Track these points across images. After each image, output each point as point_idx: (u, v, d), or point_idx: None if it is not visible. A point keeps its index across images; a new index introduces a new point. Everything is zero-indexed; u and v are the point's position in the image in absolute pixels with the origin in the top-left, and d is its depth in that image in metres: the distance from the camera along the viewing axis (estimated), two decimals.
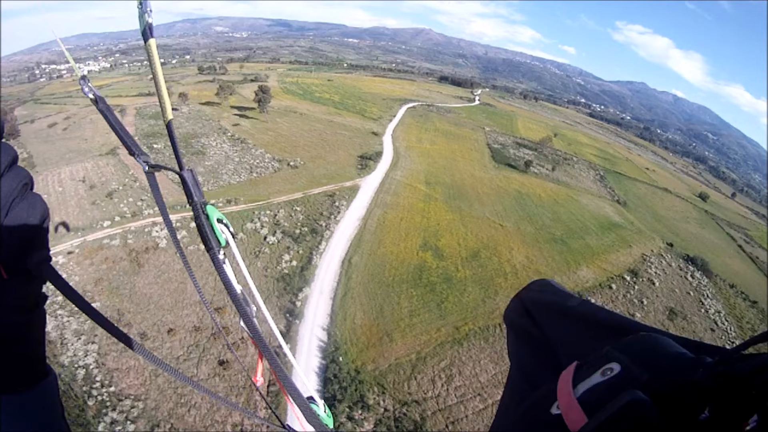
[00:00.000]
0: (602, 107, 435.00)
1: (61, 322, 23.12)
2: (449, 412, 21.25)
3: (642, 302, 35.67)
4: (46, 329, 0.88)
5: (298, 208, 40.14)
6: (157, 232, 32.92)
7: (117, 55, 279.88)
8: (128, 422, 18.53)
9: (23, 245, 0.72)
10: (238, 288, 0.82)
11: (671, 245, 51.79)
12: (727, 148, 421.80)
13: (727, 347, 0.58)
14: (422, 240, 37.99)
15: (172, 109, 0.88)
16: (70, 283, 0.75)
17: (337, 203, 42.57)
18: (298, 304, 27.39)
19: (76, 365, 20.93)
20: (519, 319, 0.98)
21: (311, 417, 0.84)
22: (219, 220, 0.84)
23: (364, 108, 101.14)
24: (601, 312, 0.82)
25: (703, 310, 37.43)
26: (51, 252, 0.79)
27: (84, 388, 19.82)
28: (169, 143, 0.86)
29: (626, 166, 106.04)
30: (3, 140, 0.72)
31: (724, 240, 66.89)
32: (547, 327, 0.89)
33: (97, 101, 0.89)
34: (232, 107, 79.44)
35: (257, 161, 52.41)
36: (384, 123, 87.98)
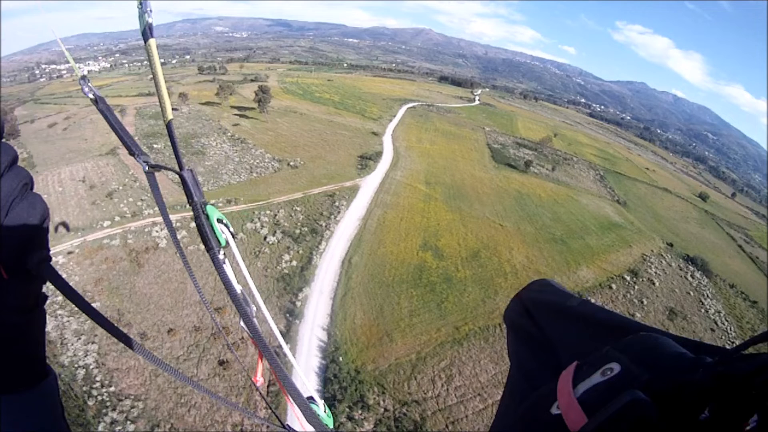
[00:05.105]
0: (602, 107, 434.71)
1: (61, 322, 23.12)
2: (449, 412, 21.25)
3: (642, 302, 35.66)
4: (46, 329, 0.88)
5: (298, 208, 40.14)
6: (157, 232, 32.92)
7: (117, 55, 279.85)
8: (128, 422, 18.53)
9: (23, 245, 0.72)
10: (238, 288, 0.82)
11: (671, 245, 51.78)
12: (727, 148, 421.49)
13: (727, 347, 0.58)
14: (422, 240, 37.99)
15: (172, 109, 0.88)
16: (70, 283, 0.75)
17: (337, 203, 42.56)
18: (298, 304, 27.39)
19: (76, 365, 20.93)
20: (519, 319, 0.98)
21: (311, 417, 0.84)
22: (219, 220, 0.84)
23: (364, 108, 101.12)
24: (601, 312, 0.82)
25: (703, 310, 37.42)
26: (51, 252, 0.79)
27: (84, 388, 19.83)
28: (169, 143, 0.87)
29: (626, 166, 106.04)
30: (3, 140, 0.72)
31: (724, 240, 66.88)
32: (547, 327, 0.89)
33: (97, 101, 0.89)
34: (232, 107, 79.45)
35: (257, 161, 52.40)
36: (384, 123, 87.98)
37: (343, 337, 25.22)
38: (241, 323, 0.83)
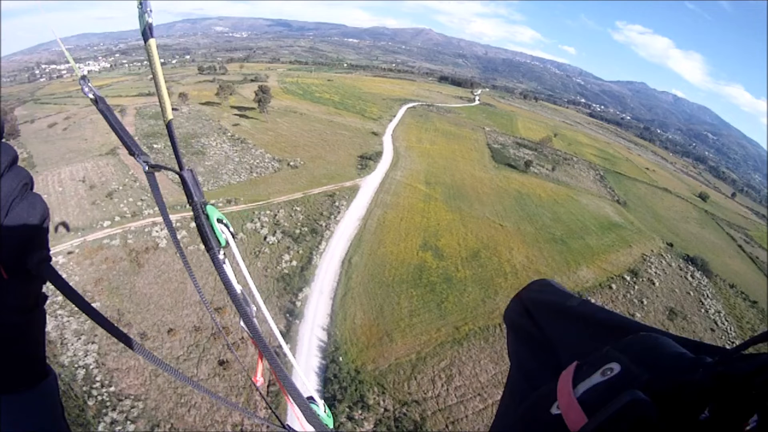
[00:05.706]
0: (602, 107, 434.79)
1: (61, 322, 23.12)
2: (449, 412, 21.25)
3: (642, 302, 35.66)
4: (46, 329, 0.88)
5: (298, 208, 40.14)
6: (157, 232, 32.92)
7: (117, 55, 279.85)
8: (128, 422, 18.53)
9: (23, 245, 0.72)
10: (238, 288, 0.82)
11: (671, 245, 51.78)
12: (727, 148, 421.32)
13: (727, 347, 0.58)
14: (422, 240, 37.99)
15: (172, 109, 0.88)
16: (70, 283, 0.75)
17: (337, 203, 42.56)
18: (298, 304, 27.39)
19: (76, 365, 20.93)
20: (519, 319, 0.98)
21: (311, 417, 0.84)
22: (219, 220, 0.84)
23: (364, 108, 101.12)
24: (601, 312, 0.82)
25: (703, 310, 37.42)
26: (51, 252, 0.79)
27: (84, 388, 19.83)
28: (169, 143, 0.87)
29: (626, 166, 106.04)
30: (3, 140, 0.72)
31: (724, 240, 66.88)
32: (547, 327, 0.89)
33: (97, 101, 0.89)
34: (232, 107, 79.46)
35: (257, 161, 52.41)
36: (384, 123, 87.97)
37: (343, 337, 25.22)
38: (241, 323, 0.83)
